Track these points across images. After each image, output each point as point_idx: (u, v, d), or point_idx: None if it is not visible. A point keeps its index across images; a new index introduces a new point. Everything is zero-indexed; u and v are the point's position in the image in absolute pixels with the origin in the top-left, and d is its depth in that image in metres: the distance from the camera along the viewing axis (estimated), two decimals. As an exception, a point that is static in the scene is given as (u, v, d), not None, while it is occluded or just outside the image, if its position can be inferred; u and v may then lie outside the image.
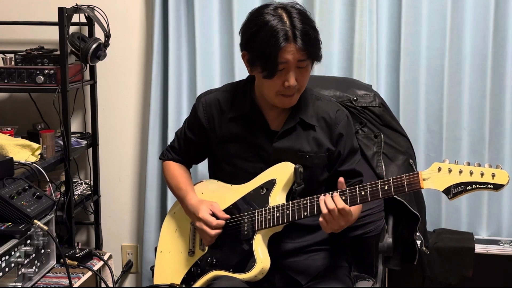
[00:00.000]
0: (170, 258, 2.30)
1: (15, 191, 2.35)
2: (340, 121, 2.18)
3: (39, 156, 2.72)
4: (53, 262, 2.54)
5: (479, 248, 2.82)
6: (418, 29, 2.85)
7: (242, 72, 2.63)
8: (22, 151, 2.66)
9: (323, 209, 1.94)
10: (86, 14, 2.95)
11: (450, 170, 1.82)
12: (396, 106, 2.91)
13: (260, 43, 1.98)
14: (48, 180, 2.67)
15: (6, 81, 2.84)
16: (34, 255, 2.38)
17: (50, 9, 2.89)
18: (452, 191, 1.82)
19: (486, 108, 2.87)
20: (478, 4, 2.82)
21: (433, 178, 1.84)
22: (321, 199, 1.96)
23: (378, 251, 2.43)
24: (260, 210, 2.09)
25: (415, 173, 1.87)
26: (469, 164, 1.81)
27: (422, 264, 2.79)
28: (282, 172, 2.10)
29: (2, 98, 3.24)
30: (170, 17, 2.98)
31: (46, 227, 2.36)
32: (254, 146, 2.17)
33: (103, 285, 2.77)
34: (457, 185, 1.81)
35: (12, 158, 2.50)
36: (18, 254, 2.28)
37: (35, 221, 2.33)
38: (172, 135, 2.72)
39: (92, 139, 3.13)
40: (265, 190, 2.12)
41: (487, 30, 2.81)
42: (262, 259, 2.04)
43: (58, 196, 2.85)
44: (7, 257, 2.21)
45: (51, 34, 2.94)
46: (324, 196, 1.96)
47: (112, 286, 2.80)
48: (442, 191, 1.83)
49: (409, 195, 2.42)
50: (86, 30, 3.02)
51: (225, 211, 2.16)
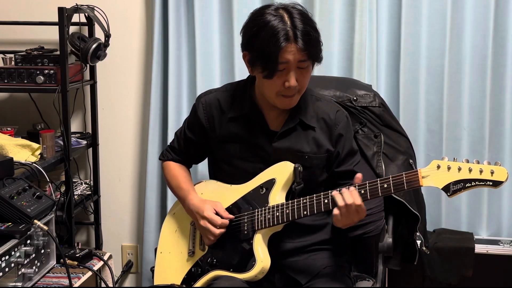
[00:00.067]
0: (170, 258, 2.30)
1: (15, 191, 2.35)
2: (339, 122, 2.18)
3: (39, 156, 2.72)
4: (53, 262, 2.54)
5: (479, 248, 2.81)
6: (418, 29, 2.85)
7: (242, 72, 2.63)
8: (22, 151, 2.66)
9: (340, 202, 1.92)
10: (86, 14, 2.95)
11: (449, 168, 1.81)
12: (396, 106, 2.91)
13: (261, 43, 1.98)
14: (48, 180, 2.67)
15: (6, 81, 2.84)
16: (34, 255, 2.38)
17: (50, 9, 2.88)
18: (451, 189, 1.81)
19: (486, 108, 2.87)
20: (478, 4, 2.82)
21: (432, 175, 1.84)
22: (335, 193, 1.94)
23: (378, 251, 2.42)
24: (260, 209, 2.09)
25: (414, 171, 1.86)
26: (468, 161, 1.81)
27: (422, 264, 2.78)
28: (282, 171, 2.10)
29: (2, 98, 3.24)
30: (170, 17, 2.97)
31: (46, 227, 2.36)
32: (254, 146, 2.17)
33: (103, 285, 2.77)
34: (456, 182, 1.81)
35: (12, 158, 2.50)
36: (18, 254, 2.28)
37: (35, 221, 2.33)
38: (172, 135, 2.71)
39: (92, 139, 3.13)
40: (264, 189, 2.11)
41: (487, 30, 2.81)
42: (262, 259, 2.04)
43: (58, 196, 2.85)
44: (7, 257, 2.21)
45: (51, 34, 2.94)
46: (338, 191, 1.94)
47: (112, 286, 2.80)
48: (441, 189, 1.83)
49: (409, 195, 2.42)
50: (86, 30, 3.02)
51: (225, 211, 2.17)
